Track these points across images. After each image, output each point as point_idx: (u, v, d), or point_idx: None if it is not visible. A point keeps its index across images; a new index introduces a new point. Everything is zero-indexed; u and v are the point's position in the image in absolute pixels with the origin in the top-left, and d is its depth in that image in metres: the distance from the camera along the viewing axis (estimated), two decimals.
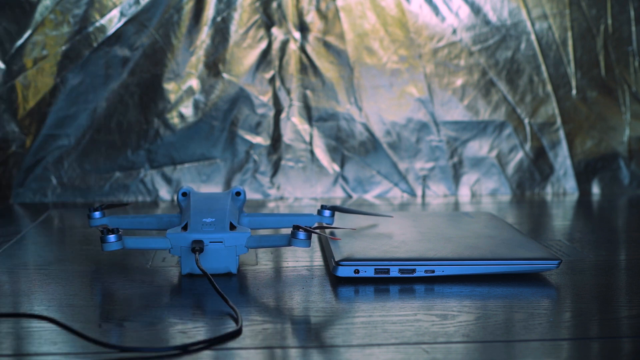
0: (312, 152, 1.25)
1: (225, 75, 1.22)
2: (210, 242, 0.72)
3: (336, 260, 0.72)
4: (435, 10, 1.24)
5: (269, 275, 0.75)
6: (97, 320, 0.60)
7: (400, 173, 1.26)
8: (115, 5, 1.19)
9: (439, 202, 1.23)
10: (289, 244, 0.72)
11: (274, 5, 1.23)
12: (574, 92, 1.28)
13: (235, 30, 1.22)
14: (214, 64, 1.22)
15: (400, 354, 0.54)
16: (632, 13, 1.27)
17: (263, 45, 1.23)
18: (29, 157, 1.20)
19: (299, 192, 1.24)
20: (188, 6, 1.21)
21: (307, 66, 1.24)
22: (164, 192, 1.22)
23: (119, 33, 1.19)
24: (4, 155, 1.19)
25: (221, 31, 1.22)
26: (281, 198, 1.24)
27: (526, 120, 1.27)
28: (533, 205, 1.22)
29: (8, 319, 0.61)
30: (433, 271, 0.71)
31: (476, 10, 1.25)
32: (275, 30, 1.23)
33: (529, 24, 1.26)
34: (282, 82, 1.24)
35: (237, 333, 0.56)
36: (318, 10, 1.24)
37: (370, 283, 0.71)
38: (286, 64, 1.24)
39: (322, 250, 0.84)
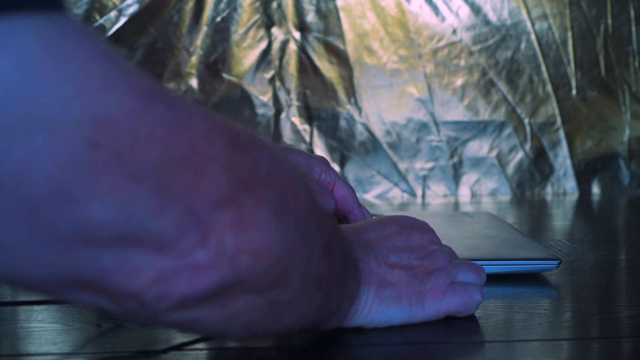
0: (312, 152, 1.25)
1: (225, 75, 1.23)
2: None
3: None
4: (435, 10, 1.24)
5: None
6: (97, 320, 0.60)
7: (400, 173, 1.26)
8: (115, 6, 1.19)
9: (439, 202, 1.23)
10: None
11: (274, 5, 1.23)
12: (574, 92, 1.28)
13: (235, 30, 1.22)
14: (214, 64, 1.22)
15: (402, 353, 0.54)
16: (632, 13, 1.27)
17: (263, 45, 1.23)
18: None
19: None
20: (188, 6, 1.21)
21: (307, 66, 1.24)
22: None
23: (119, 33, 1.19)
24: None
25: (221, 31, 1.22)
26: None
27: (526, 120, 1.27)
28: (533, 205, 1.22)
29: (8, 319, 0.61)
30: None
31: (476, 10, 1.25)
32: (275, 30, 1.23)
33: (529, 24, 1.26)
34: (282, 82, 1.24)
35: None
36: (318, 10, 1.24)
37: None
38: (286, 64, 1.24)
39: None
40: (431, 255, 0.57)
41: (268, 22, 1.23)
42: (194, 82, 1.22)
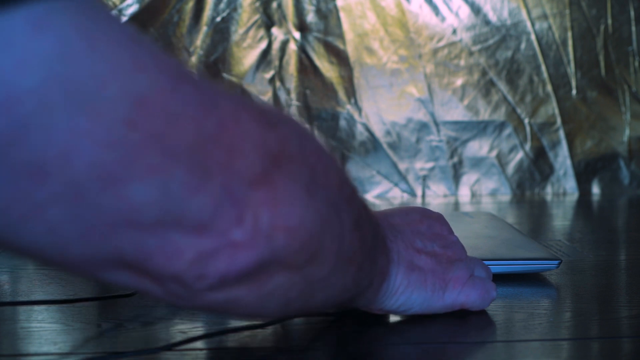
0: None
1: (225, 75, 1.23)
2: None
3: None
4: (435, 10, 1.24)
5: None
6: (97, 320, 0.60)
7: (400, 173, 1.26)
8: (115, 6, 1.19)
9: (439, 202, 1.23)
10: None
11: (274, 5, 1.23)
12: (574, 92, 1.28)
13: (235, 30, 1.22)
14: (214, 64, 1.22)
15: (402, 353, 0.54)
16: (632, 13, 1.27)
17: (263, 45, 1.23)
18: None
19: None
20: (188, 6, 1.21)
21: (307, 66, 1.24)
22: None
23: None
24: None
25: (221, 31, 1.22)
26: None
27: (526, 120, 1.27)
28: (533, 205, 1.22)
29: (8, 319, 0.61)
30: None
31: (476, 10, 1.25)
32: (275, 30, 1.23)
33: (529, 24, 1.26)
34: (282, 82, 1.24)
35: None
36: (318, 10, 1.24)
37: None
38: (286, 64, 1.24)
39: None
40: (452, 246, 0.58)
41: (268, 22, 1.23)
42: None
